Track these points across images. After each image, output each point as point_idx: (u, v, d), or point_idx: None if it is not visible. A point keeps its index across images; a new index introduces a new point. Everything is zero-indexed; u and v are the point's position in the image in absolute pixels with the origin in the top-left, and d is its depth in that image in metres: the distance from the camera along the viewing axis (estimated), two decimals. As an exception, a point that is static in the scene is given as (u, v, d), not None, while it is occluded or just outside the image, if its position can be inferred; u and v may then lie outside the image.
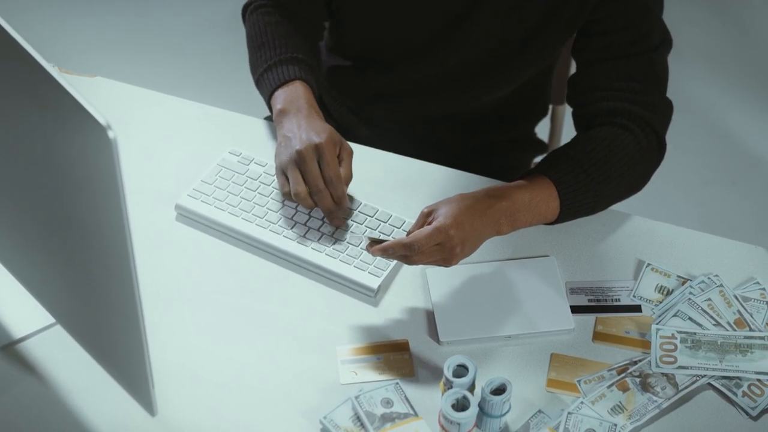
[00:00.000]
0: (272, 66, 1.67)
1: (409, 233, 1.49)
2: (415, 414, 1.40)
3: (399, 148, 1.76)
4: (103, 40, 3.20)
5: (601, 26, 1.63)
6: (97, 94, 1.80)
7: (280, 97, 1.63)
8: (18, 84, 1.15)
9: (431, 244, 1.45)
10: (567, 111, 1.81)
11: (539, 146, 2.00)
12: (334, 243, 1.58)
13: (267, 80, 1.66)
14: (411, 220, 1.61)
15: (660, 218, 1.69)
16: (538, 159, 2.02)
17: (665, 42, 1.65)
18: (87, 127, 1.06)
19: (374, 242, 1.47)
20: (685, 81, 3.08)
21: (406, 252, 1.44)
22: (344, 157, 1.58)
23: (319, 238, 1.58)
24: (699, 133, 3.00)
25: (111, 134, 1.04)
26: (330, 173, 1.54)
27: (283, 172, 1.57)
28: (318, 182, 1.54)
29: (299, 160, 1.54)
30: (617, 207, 1.65)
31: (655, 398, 1.43)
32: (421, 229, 1.46)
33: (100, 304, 1.25)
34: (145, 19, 3.27)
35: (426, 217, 1.49)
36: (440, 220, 1.46)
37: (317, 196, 1.55)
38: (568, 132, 1.75)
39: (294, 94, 1.63)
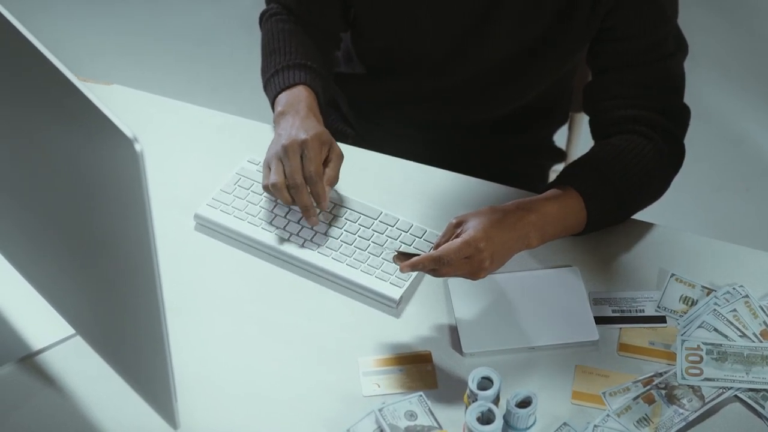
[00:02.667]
0: (279, 71, 1.68)
1: (437, 245, 1.47)
2: (439, 427, 1.38)
3: (416, 155, 1.75)
4: (112, 45, 3.18)
5: (616, 33, 1.61)
6: (113, 102, 1.78)
7: (282, 100, 1.64)
8: (42, 95, 1.14)
9: (461, 258, 1.43)
10: (586, 118, 1.79)
11: (558, 154, 1.98)
12: (354, 253, 1.56)
13: (273, 84, 1.68)
14: (431, 229, 1.59)
15: (672, 225, 1.67)
16: (556, 167, 2.01)
17: (681, 48, 1.63)
18: (113, 139, 1.05)
19: (402, 256, 1.45)
20: (698, 87, 3.06)
21: (435, 266, 1.43)
22: (332, 159, 1.59)
23: (340, 248, 1.57)
24: (711, 139, 2.98)
25: (138, 147, 1.03)
26: (310, 169, 1.54)
27: (268, 166, 1.58)
28: (296, 176, 1.54)
29: (282, 154, 1.55)
30: (639, 216, 1.63)
31: (681, 410, 1.41)
32: (451, 242, 1.44)
33: (123, 316, 1.24)
34: (157, 23, 3.25)
35: (454, 229, 1.47)
36: (470, 233, 1.44)
37: (293, 191, 1.55)
38: (586, 140, 1.74)
39: (295, 97, 1.64)
